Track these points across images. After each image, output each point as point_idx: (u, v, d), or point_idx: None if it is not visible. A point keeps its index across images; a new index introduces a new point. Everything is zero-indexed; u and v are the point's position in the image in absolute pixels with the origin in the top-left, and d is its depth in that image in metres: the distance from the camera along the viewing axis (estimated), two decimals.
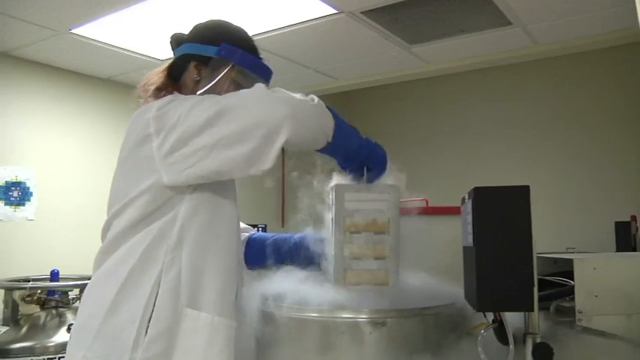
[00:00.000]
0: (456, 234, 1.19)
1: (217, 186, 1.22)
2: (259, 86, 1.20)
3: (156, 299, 1.14)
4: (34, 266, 3.14)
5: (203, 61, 1.32)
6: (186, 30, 1.42)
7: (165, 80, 1.35)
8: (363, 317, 1.08)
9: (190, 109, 1.14)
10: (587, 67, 4.44)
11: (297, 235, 1.50)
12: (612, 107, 4.38)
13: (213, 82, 1.30)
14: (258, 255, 1.51)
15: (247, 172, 1.14)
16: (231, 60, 1.31)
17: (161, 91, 1.33)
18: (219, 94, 1.26)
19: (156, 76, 1.37)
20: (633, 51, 3.92)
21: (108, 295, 1.15)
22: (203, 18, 1.39)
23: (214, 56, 1.31)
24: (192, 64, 1.33)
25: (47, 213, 3.54)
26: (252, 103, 1.14)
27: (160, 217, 1.17)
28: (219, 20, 1.40)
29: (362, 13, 2.93)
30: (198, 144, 1.11)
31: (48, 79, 3.62)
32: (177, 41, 1.39)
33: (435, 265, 1.31)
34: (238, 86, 1.32)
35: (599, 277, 1.27)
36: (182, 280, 1.16)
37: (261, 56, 1.40)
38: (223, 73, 1.31)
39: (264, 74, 1.39)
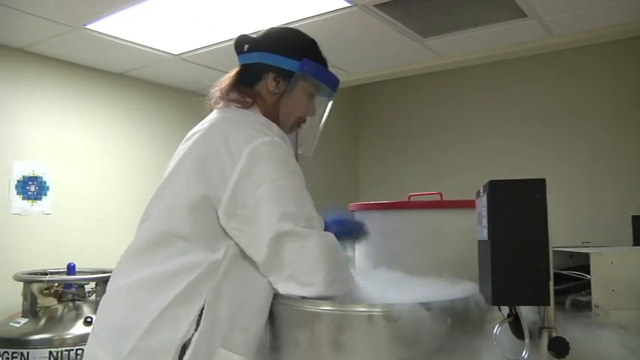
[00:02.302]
0: (470, 227, 1.18)
1: None
2: (332, 244, 1.18)
3: (192, 336, 1.15)
4: (50, 260, 3.19)
5: (282, 74, 1.35)
6: (200, 25, 1.42)
7: (234, 84, 1.38)
8: (376, 311, 1.08)
9: (276, 192, 1.17)
10: (603, 59, 4.38)
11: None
12: (629, 100, 4.32)
13: (289, 89, 1.36)
14: None
15: (264, 275, 1.20)
16: (311, 75, 1.36)
17: (229, 93, 1.37)
18: (297, 107, 1.37)
19: (226, 81, 1.40)
20: None
21: (145, 317, 1.16)
22: (217, 12, 1.38)
23: (297, 71, 1.34)
24: (270, 75, 1.36)
25: (63, 207, 3.59)
26: (316, 256, 1.14)
27: (204, 244, 1.19)
28: (294, 30, 1.45)
29: (375, 6, 2.92)
30: (253, 229, 1.16)
31: (63, 74, 3.65)
32: (245, 45, 1.40)
33: (449, 259, 1.31)
34: (310, 97, 1.40)
35: (616, 271, 1.25)
36: (219, 320, 1.17)
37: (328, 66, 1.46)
38: (302, 87, 1.36)
39: (335, 87, 1.45)
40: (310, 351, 1.14)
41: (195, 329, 1.15)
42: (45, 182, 3.52)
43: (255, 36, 1.43)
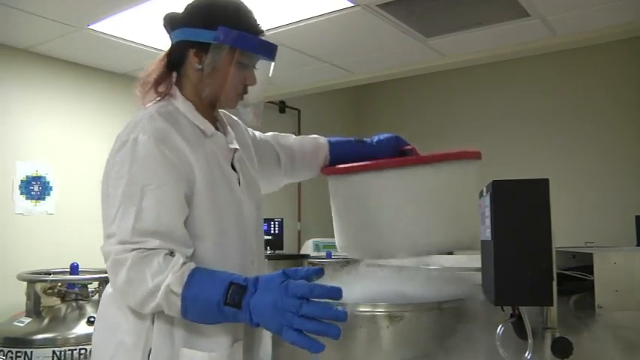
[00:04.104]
0: (446, 184, 1.25)
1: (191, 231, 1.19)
2: (134, 260, 1.09)
3: (152, 342, 1.15)
4: (54, 259, 3.20)
5: (202, 48, 1.23)
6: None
7: (165, 70, 1.29)
8: (380, 311, 1.08)
9: (103, 207, 1.21)
10: (606, 59, 4.37)
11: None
12: (632, 100, 4.31)
13: (213, 62, 1.23)
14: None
15: None
16: (230, 44, 1.22)
17: (160, 83, 1.29)
18: (225, 79, 1.24)
19: (155, 67, 1.30)
20: None
21: (118, 325, 1.18)
22: None
23: (212, 42, 1.22)
24: (191, 52, 1.25)
25: (66, 207, 3.59)
26: (117, 268, 1.11)
27: None
28: None
29: (378, 6, 2.92)
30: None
31: (67, 74, 3.66)
32: (171, 23, 1.30)
33: (419, 215, 1.30)
34: (243, 67, 1.26)
35: (620, 271, 1.25)
36: (174, 320, 1.15)
37: (262, 30, 1.31)
38: (225, 58, 1.22)
39: (267, 53, 1.30)
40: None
41: (152, 335, 1.15)
42: (48, 182, 3.52)
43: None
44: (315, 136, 1.62)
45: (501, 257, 0.91)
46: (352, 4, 2.89)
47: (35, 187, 3.47)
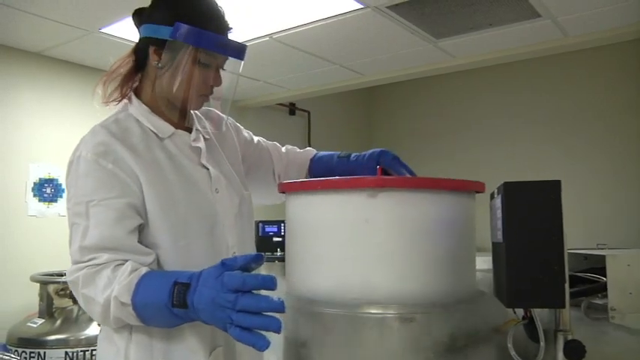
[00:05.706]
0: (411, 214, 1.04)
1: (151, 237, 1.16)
2: (85, 277, 1.08)
3: (131, 355, 1.13)
4: (66, 261, 3.21)
5: (161, 45, 1.16)
6: None
7: (133, 68, 1.25)
8: (391, 313, 1.07)
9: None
10: (617, 59, 4.34)
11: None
12: None
13: (175, 60, 1.16)
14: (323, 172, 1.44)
15: None
16: (186, 41, 1.14)
17: (128, 82, 1.25)
18: (185, 79, 1.17)
19: (119, 64, 1.26)
20: None
21: (109, 351, 1.18)
22: (231, 15, 1.33)
23: (169, 39, 1.14)
24: (151, 50, 1.18)
25: None
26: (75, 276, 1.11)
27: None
28: None
29: (388, 7, 2.91)
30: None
31: (79, 78, 3.69)
32: (138, 19, 1.23)
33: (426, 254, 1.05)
34: (205, 67, 1.19)
35: (633, 273, 1.24)
36: (152, 332, 1.12)
37: (229, 27, 1.21)
38: (183, 57, 1.15)
39: (230, 52, 1.19)
40: (324, 352, 1.14)
41: (131, 348, 1.14)
42: (60, 184, 3.56)
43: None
44: (310, 149, 1.56)
45: (513, 259, 0.91)
46: (362, 6, 2.89)
47: (47, 190, 3.50)
